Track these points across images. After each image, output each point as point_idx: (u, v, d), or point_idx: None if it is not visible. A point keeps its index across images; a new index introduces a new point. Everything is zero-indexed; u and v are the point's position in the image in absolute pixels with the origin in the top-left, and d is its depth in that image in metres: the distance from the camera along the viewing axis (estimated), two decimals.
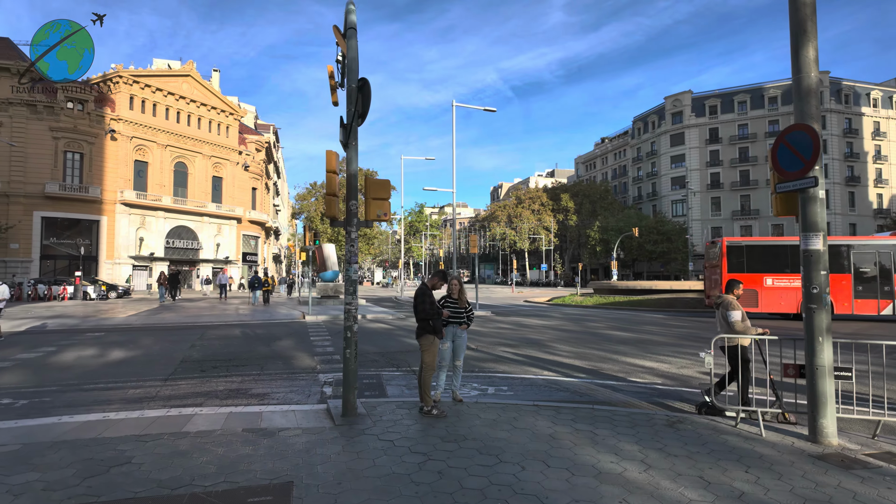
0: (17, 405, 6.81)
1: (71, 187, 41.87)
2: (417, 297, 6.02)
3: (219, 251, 53.03)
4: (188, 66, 50.24)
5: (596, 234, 68.89)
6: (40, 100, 40.84)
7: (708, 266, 21.84)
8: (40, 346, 11.84)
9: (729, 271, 19.50)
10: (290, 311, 21.54)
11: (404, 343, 12.49)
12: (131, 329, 15.45)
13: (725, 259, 19.69)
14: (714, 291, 20.44)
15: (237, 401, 7.08)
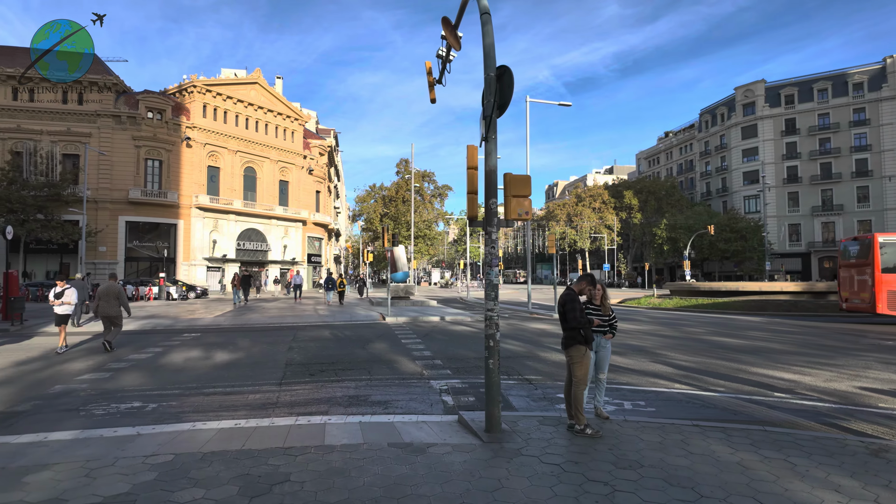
0: (147, 409, 6.81)
1: (151, 193, 44.23)
2: (566, 303, 5.48)
3: (286, 252, 54.61)
4: (255, 73, 52.01)
5: (663, 233, 65.98)
6: (124, 111, 43.34)
7: (845, 265, 19.86)
8: (147, 346, 12.18)
9: (884, 271, 17.64)
10: (367, 312, 21.56)
11: (503, 349, 11.91)
12: (223, 330, 15.79)
13: (878, 257, 17.79)
14: (860, 293, 18.51)
15: (361, 408, 6.81)
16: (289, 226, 55.24)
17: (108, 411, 6.69)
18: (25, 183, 36.36)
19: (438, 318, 18.71)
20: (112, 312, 11.50)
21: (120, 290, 11.64)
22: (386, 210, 67.43)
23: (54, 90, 42.01)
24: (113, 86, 43.34)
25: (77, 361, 10.22)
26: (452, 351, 11.46)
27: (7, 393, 7.66)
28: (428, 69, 10.64)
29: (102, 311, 11.47)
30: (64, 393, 7.65)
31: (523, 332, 15.20)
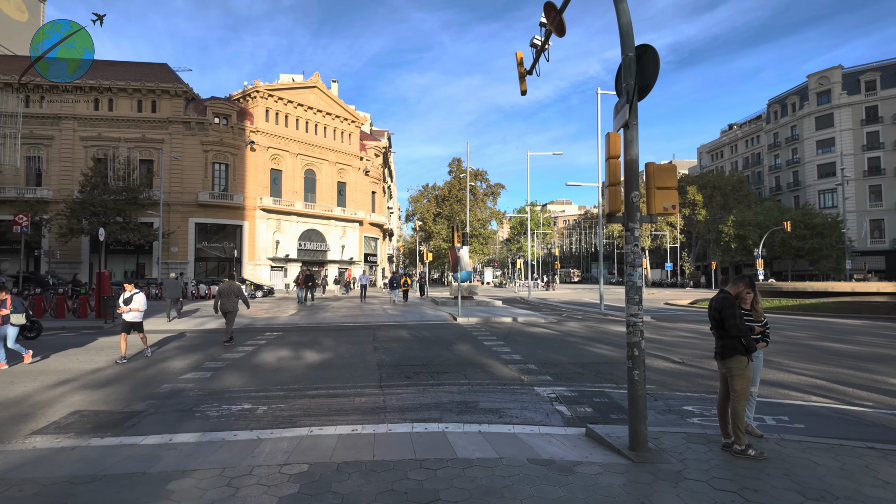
0: (258, 411, 6.73)
1: (218, 195, 46.00)
2: (723, 308, 4.90)
3: (343, 252, 55.57)
4: (314, 78, 53.14)
5: (730, 230, 62.67)
6: (193, 117, 45.27)
7: None
8: (235, 345, 12.37)
9: None
10: (435, 311, 21.35)
11: (593, 353, 11.39)
12: (302, 329, 15.94)
13: None
14: None
15: (474, 416, 6.47)
16: (346, 226, 56.18)
17: (221, 413, 6.64)
18: (106, 188, 38.54)
19: (510, 319, 18.23)
20: (231, 308, 12.50)
21: (240, 289, 12.83)
22: (439, 210, 67.46)
23: (131, 99, 44.41)
24: (183, 93, 45.35)
25: (175, 360, 10.44)
26: (542, 355, 10.97)
27: (121, 391, 7.81)
28: (519, 60, 10.21)
29: (223, 307, 12.47)
30: (173, 392, 7.72)
31: (608, 335, 14.49)
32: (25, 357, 10.03)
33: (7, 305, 9.61)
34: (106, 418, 6.46)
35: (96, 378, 8.70)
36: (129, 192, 39.58)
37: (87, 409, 6.82)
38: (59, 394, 7.65)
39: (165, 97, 44.96)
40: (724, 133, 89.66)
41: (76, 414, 6.63)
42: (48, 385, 8.19)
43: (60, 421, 6.35)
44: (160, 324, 16.93)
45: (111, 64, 47.51)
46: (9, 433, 5.91)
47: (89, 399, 7.35)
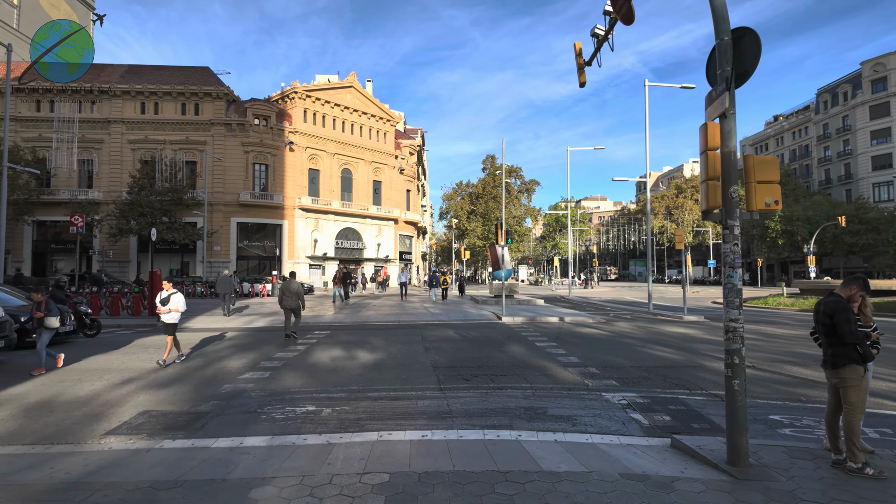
0: (323, 414, 6.63)
1: (259, 195, 46.90)
2: (835, 313, 4.48)
3: (379, 250, 55.91)
4: (350, 77, 53.56)
5: (777, 225, 60.19)
6: (234, 119, 46.26)
7: None
8: (288, 344, 12.42)
9: None
10: (477, 311, 21.08)
11: (654, 356, 10.93)
12: (349, 327, 15.95)
13: None
14: None
15: (546, 423, 6.19)
16: (382, 224, 56.50)
17: (286, 416, 6.56)
18: (153, 189, 39.77)
19: (557, 318, 17.80)
20: (293, 305, 13.15)
21: (299, 287, 13.35)
22: (473, 207, 67.13)
23: (175, 102, 45.71)
24: (224, 95, 46.40)
25: (232, 359, 10.51)
26: (600, 357, 10.57)
27: (185, 391, 7.85)
28: (578, 51, 9.84)
29: (286, 304, 13.15)
30: (235, 393, 7.71)
31: (665, 337, 13.95)
32: (58, 360, 9.55)
33: (42, 308, 9.24)
34: (174, 419, 6.47)
35: (159, 377, 8.80)
36: (175, 192, 40.72)
37: (154, 410, 6.86)
38: (125, 393, 7.74)
39: (207, 100, 46.09)
40: (770, 125, 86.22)
41: (145, 414, 6.67)
42: (114, 384, 8.32)
43: (131, 421, 6.38)
44: (213, 321, 17.24)
45: (156, 69, 49.02)
46: (84, 433, 5.96)
47: (155, 399, 7.41)
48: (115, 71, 47.73)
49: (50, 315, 9.29)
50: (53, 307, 9.44)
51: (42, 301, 9.30)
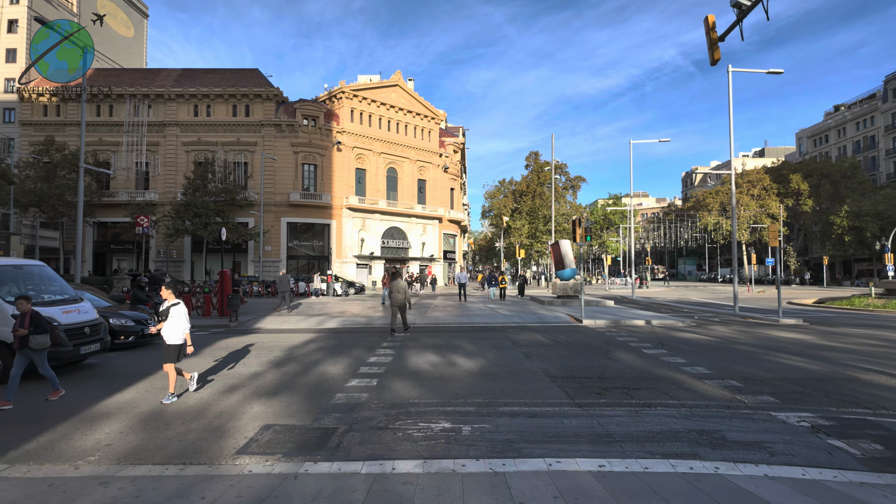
0: (464, 433, 5.88)
1: (308, 195, 47.12)
2: None
3: (424, 250, 55.48)
4: (395, 76, 53.26)
5: (843, 221, 56.70)
6: (284, 120, 46.60)
7: None
8: (374, 347, 11.83)
9: None
10: (550, 312, 20.13)
11: (790, 366, 9.79)
12: (424, 329, 15.29)
13: None
14: None
15: (737, 452, 5.26)
16: (426, 223, 56.05)
17: (425, 434, 5.85)
18: (206, 190, 40.34)
19: (643, 322, 16.67)
20: (400, 302, 14.01)
21: (405, 286, 14.19)
22: (516, 205, 65.92)
23: (226, 104, 46.38)
24: (274, 97, 46.79)
25: (326, 364, 9.95)
26: (728, 367, 9.52)
27: (297, 401, 7.27)
28: (711, 24, 8.80)
29: (395, 300, 14.01)
30: (353, 404, 7.08)
31: (779, 343, 12.71)
32: (53, 394, 7.40)
33: (26, 323, 7.06)
34: (303, 435, 5.86)
35: (262, 384, 8.28)
36: (228, 193, 41.24)
37: (277, 424, 6.27)
38: (235, 403, 7.22)
39: (258, 101, 46.59)
40: (829, 115, 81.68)
41: (269, 429, 6.08)
42: (219, 392, 7.83)
43: (258, 438, 5.80)
44: (282, 321, 16.91)
45: (207, 72, 49.90)
46: (213, 451, 5.40)
47: (271, 410, 6.84)
48: (169, 75, 48.80)
49: (36, 332, 7.12)
50: (42, 322, 7.25)
51: (27, 314, 7.11)
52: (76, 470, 4.86)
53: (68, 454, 5.33)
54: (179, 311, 7.56)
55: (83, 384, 8.39)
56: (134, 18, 61.13)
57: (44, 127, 44.89)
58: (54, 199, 37.51)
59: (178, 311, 7.55)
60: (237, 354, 11.08)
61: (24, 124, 45.12)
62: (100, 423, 6.37)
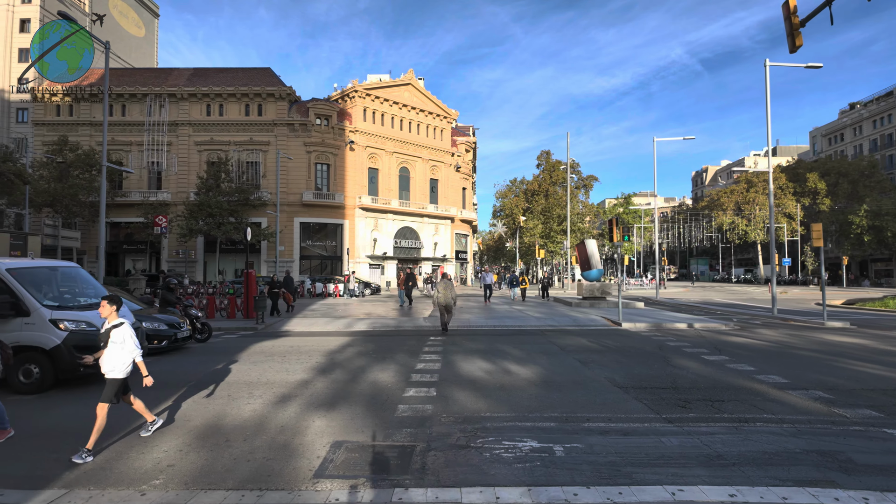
0: (557, 453, 5.33)
1: (320, 195, 46.69)
2: None
3: (436, 250, 54.96)
4: (408, 75, 52.77)
5: (862, 220, 55.80)
6: (297, 119, 46.18)
7: None
8: (416, 352, 11.30)
9: None
10: (583, 315, 19.52)
11: (870, 374, 9.21)
12: (459, 333, 14.75)
13: None
14: None
15: (875, 479, 4.70)
16: (439, 223, 55.54)
17: (515, 455, 5.30)
18: (219, 190, 39.97)
19: (685, 325, 16.07)
20: (447, 302, 14.37)
21: (452, 285, 14.60)
22: (528, 205, 65.32)
23: (239, 104, 46.01)
24: (287, 96, 46.38)
25: (375, 371, 9.42)
26: (805, 375, 8.94)
27: (358, 413, 6.75)
28: (792, 8, 8.22)
29: (440, 300, 14.38)
30: (421, 418, 6.55)
31: (840, 348, 12.11)
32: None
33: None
34: (380, 455, 5.33)
35: (315, 394, 7.75)
36: (241, 193, 40.88)
37: (348, 441, 5.75)
38: (293, 415, 6.70)
39: (270, 100, 46.21)
40: (845, 113, 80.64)
41: (340, 447, 5.56)
42: (271, 402, 7.31)
43: (332, 458, 5.27)
44: (310, 323, 16.42)
45: (219, 71, 49.54)
46: (287, 474, 4.87)
47: (335, 425, 6.31)
48: (182, 74, 48.48)
49: None
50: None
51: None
52: (143, 497, 4.37)
53: (130, 476, 4.83)
54: (124, 334, 5.60)
55: None
56: (145, 18, 60.90)
57: (56, 127, 44.66)
58: (68, 199, 37.27)
59: (121, 333, 5.58)
60: (277, 360, 10.57)
61: (37, 124, 44.91)
62: (154, 438, 5.87)
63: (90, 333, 8.00)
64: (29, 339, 7.69)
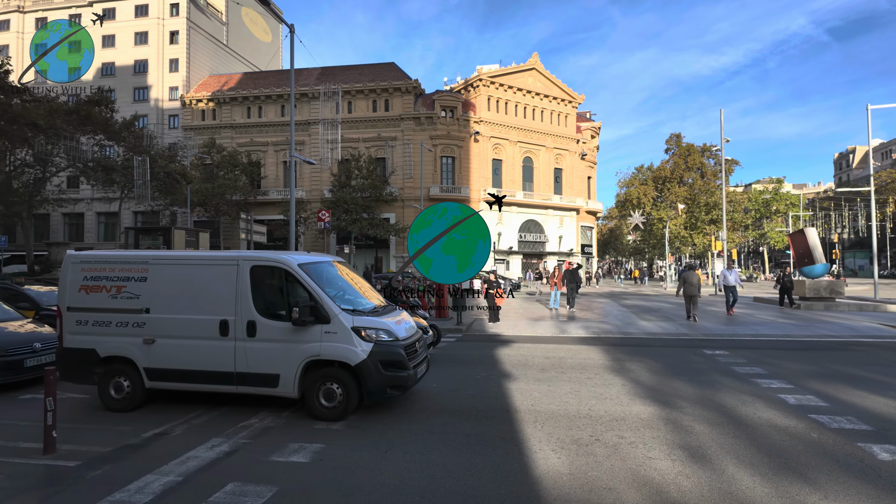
0: None
1: (446, 189, 45.56)
2: None
3: (561, 243, 51.97)
4: (533, 59, 50.15)
5: None
6: (422, 112, 45.34)
7: None
8: (718, 367, 8.88)
9: None
10: (848, 321, 15.94)
11: None
12: (731, 344, 12.08)
13: None
14: None
15: None
16: (563, 215, 52.45)
17: None
18: (351, 186, 40.04)
19: None
20: (694, 293, 15.23)
21: (698, 278, 15.40)
22: (657, 193, 60.07)
23: (367, 100, 46.07)
24: (413, 89, 45.72)
25: (736, 398, 7.13)
26: None
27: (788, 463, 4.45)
28: None
29: (687, 291, 15.25)
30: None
31: None
32: None
33: None
34: None
35: (690, 443, 5.59)
36: (373, 189, 40.70)
37: None
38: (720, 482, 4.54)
39: (397, 94, 45.82)
40: None
41: None
42: (646, 457, 5.23)
43: None
44: (506, 326, 14.55)
45: (346, 69, 50.08)
46: None
47: None
48: (311, 74, 49.56)
49: None
50: None
51: None
52: None
53: None
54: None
55: (446, 427, 6.25)
56: (271, 24, 63.61)
57: (202, 131, 47.41)
58: (217, 198, 39.07)
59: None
60: (548, 373, 8.60)
61: (186, 129, 47.97)
62: None
63: (393, 346, 6.45)
64: (331, 353, 6.26)
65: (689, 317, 15.72)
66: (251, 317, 6.40)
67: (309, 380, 6.31)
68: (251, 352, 6.36)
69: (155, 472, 4.71)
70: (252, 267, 6.58)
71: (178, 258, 7.22)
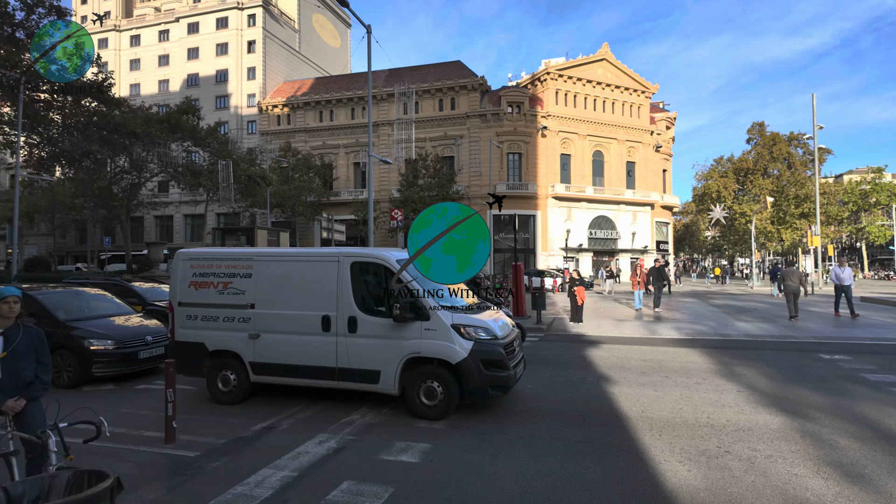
0: None
1: (513, 185, 44.95)
2: None
3: (634, 240, 49.84)
4: (603, 49, 48.43)
5: None
6: (489, 109, 44.96)
7: None
8: (849, 373, 7.99)
9: None
10: None
11: None
12: (810, 344, 10.96)
13: None
14: None
15: None
16: (637, 210, 50.26)
17: None
18: (419, 186, 40.35)
19: None
20: (794, 290, 14.46)
21: (800, 273, 14.74)
22: (739, 186, 56.31)
23: (433, 99, 46.29)
24: (479, 86, 45.44)
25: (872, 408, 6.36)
26: None
27: None
28: None
29: (787, 288, 14.48)
30: None
31: None
32: None
33: None
34: None
35: (835, 457, 4.94)
36: (440, 188, 40.83)
37: None
38: None
39: (463, 92, 45.71)
40: None
41: None
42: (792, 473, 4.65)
43: None
44: (589, 327, 13.95)
45: (412, 69, 50.57)
46: None
47: None
48: (379, 77, 50.45)
49: None
50: None
51: None
52: None
53: None
54: None
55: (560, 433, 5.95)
56: (340, 29, 65.49)
57: (278, 135, 49.54)
58: (293, 200, 40.65)
59: None
60: (650, 377, 8.06)
61: (263, 134, 50.31)
62: None
63: (493, 345, 6.22)
64: (431, 350, 6.12)
65: (792, 317, 14.52)
66: (352, 312, 6.39)
67: (408, 377, 6.21)
68: (352, 347, 6.34)
69: (270, 467, 4.74)
70: (352, 263, 6.57)
71: (281, 255, 7.35)
